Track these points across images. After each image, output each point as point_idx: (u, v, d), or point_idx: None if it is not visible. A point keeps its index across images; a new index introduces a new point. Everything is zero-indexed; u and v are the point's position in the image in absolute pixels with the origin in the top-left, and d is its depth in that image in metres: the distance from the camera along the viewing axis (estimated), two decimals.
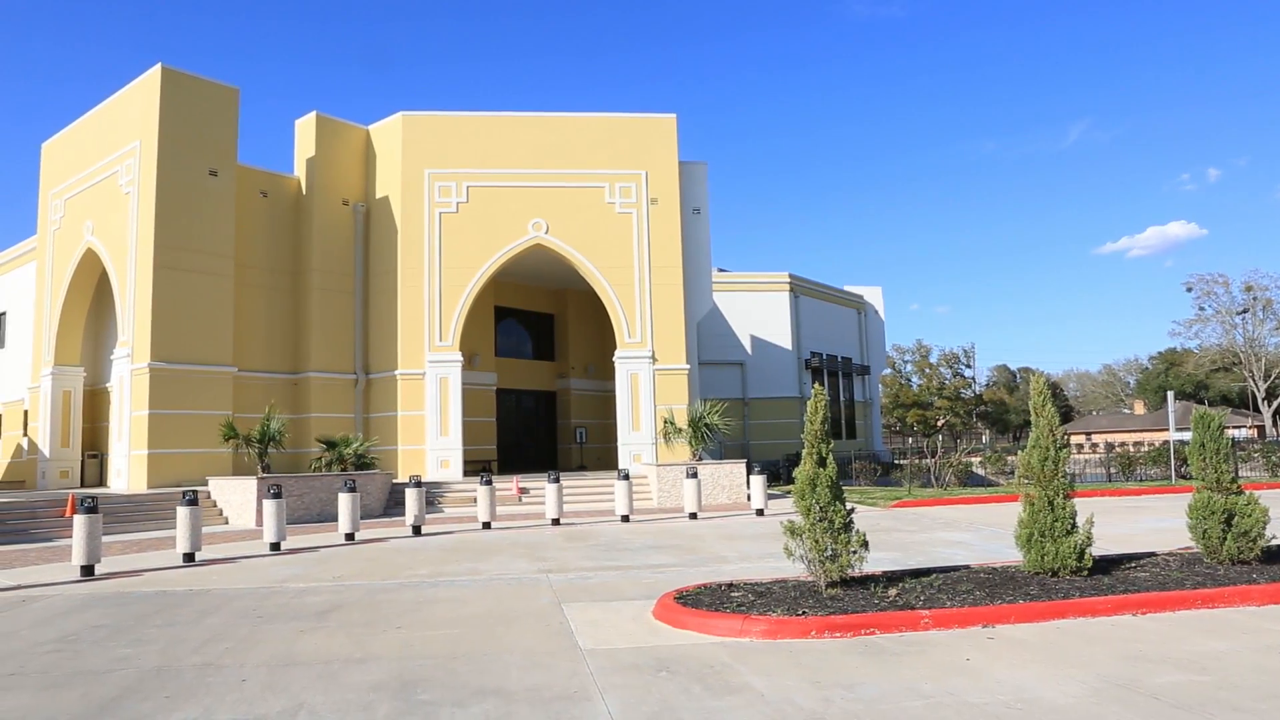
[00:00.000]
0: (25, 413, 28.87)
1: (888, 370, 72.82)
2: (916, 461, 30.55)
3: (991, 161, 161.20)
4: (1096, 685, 5.96)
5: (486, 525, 17.87)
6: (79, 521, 12.35)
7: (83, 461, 26.99)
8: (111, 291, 24.98)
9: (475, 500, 18.69)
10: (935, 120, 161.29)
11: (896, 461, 39.90)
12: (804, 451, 9.05)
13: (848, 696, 5.84)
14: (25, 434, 28.69)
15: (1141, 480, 28.17)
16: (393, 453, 25.75)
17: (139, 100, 24.16)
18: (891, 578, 9.31)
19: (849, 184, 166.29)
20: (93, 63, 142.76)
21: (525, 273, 30.46)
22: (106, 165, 25.31)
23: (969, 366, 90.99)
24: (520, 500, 22.72)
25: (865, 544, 8.79)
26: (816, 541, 8.67)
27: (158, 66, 23.46)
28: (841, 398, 44.32)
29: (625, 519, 18.76)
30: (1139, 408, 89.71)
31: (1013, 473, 29.90)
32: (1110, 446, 35.35)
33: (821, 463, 8.88)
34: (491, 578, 11.44)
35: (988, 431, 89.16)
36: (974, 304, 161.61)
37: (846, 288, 47.60)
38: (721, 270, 40.63)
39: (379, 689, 6.25)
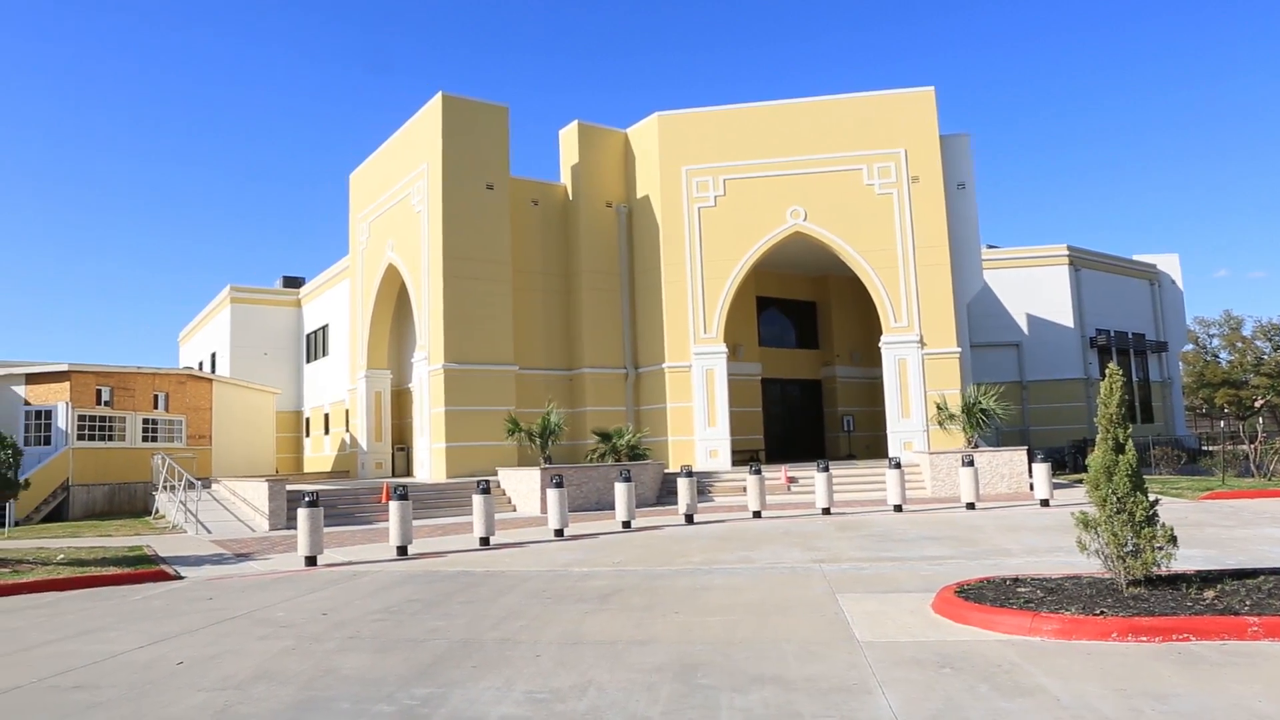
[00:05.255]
0: (346, 412, 32.88)
1: (1189, 346, 65.35)
2: (1230, 447, 27.13)
3: None
4: None
5: (756, 514, 18.04)
6: (393, 508, 13.90)
7: (393, 454, 30.33)
8: (410, 301, 27.82)
9: (744, 489, 18.92)
10: (1239, 59, 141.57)
11: (1204, 448, 35.71)
12: (1098, 437, 8.35)
13: (1160, 709, 5.29)
14: (347, 430, 32.67)
15: None
16: (663, 443, 26.63)
17: (425, 127, 26.65)
18: (1206, 578, 8.36)
19: (1136, 150, 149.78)
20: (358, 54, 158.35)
21: (785, 261, 30.36)
22: (401, 188, 28.18)
23: None
24: (789, 489, 22.72)
25: (1173, 539, 7.96)
26: (1114, 535, 7.97)
27: (439, 95, 25.76)
28: (1135, 378, 40.38)
29: (898, 509, 18.22)
30: None
31: None
32: None
33: (1119, 449, 8.15)
34: (764, 566, 11.54)
35: None
36: None
37: (1136, 257, 43.25)
38: (991, 247, 38.29)
39: (660, 670, 6.50)
